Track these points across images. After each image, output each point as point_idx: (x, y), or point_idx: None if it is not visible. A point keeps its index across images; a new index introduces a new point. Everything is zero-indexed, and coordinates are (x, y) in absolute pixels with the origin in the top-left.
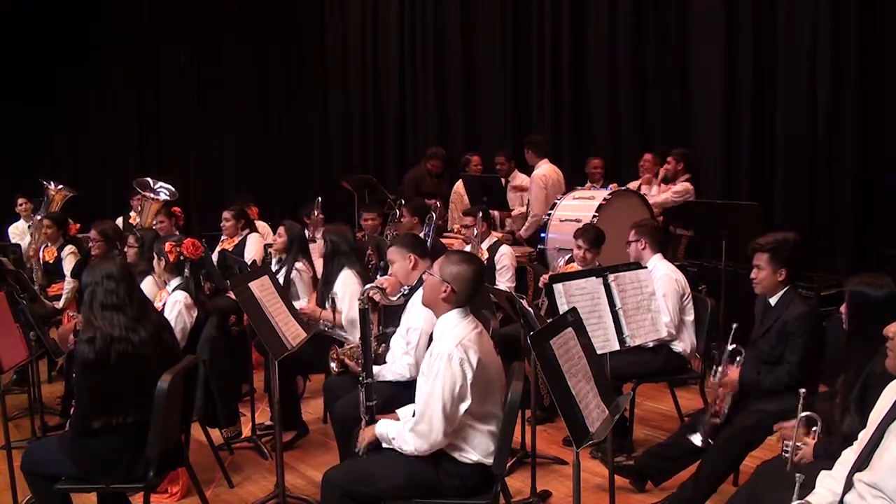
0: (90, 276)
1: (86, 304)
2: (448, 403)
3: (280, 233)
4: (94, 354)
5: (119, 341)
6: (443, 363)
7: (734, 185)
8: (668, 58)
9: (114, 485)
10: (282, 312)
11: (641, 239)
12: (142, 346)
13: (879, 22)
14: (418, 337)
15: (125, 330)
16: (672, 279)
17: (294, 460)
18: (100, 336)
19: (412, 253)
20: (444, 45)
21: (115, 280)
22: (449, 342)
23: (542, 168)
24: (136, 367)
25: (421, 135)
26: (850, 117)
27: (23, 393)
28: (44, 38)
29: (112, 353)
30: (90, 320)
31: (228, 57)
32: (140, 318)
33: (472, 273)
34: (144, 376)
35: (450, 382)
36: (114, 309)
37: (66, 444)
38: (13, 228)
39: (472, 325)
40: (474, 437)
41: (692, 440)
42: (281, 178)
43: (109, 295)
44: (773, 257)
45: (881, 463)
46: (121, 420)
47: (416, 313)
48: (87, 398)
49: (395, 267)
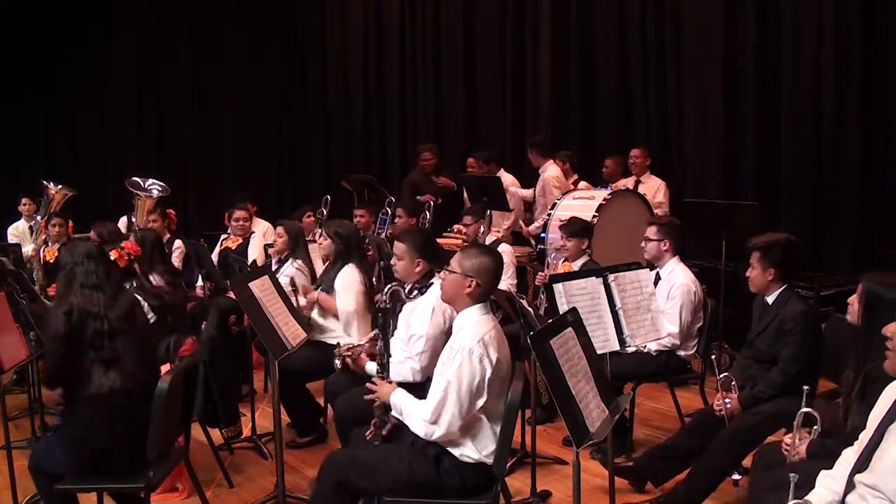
0: (70, 256)
1: (62, 282)
2: (465, 398)
3: (280, 233)
4: (69, 328)
5: (96, 318)
6: (463, 357)
7: (737, 185)
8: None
9: (114, 485)
10: (282, 312)
11: (666, 239)
12: (117, 324)
13: (883, 22)
14: (424, 344)
15: (103, 307)
16: (691, 290)
17: (294, 460)
18: (77, 311)
19: (421, 258)
20: (444, 45)
21: (94, 260)
22: (470, 337)
23: (552, 169)
24: (109, 343)
25: (422, 134)
26: (853, 117)
27: (23, 393)
28: (44, 38)
29: (87, 330)
30: (66, 296)
31: (228, 57)
32: (117, 296)
33: (494, 264)
34: (117, 353)
35: (468, 377)
36: (93, 288)
37: (61, 435)
38: (12, 229)
39: (492, 321)
40: (482, 436)
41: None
42: (281, 178)
43: (89, 275)
44: (762, 256)
45: (881, 464)
46: (93, 391)
47: (418, 319)
48: (55, 366)
49: (400, 265)
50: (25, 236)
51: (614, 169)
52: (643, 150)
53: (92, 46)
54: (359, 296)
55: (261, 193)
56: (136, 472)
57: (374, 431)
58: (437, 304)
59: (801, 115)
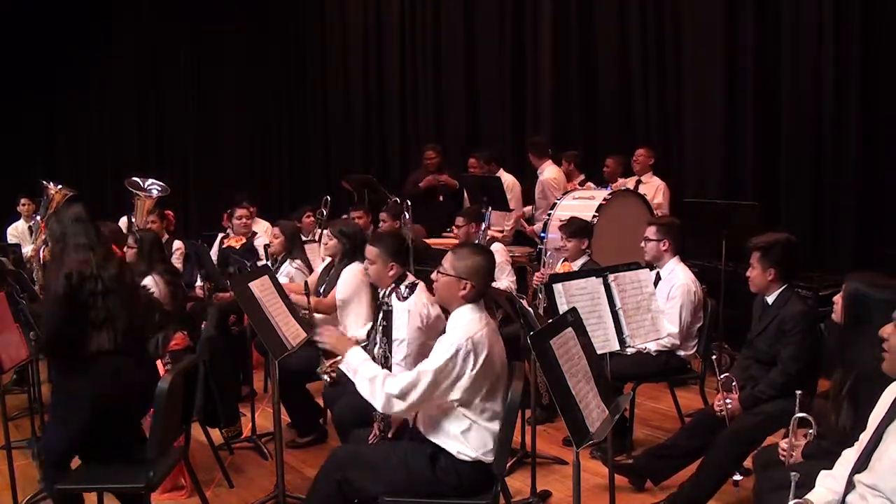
0: (59, 224)
1: (57, 248)
2: (438, 386)
3: (276, 234)
4: (69, 290)
5: (90, 279)
6: (450, 351)
7: (737, 185)
8: (669, 57)
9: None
10: (282, 312)
11: (665, 239)
12: (111, 283)
13: (883, 22)
14: (406, 348)
15: (96, 268)
16: (692, 290)
17: (294, 461)
18: (76, 274)
19: (394, 262)
20: (444, 45)
21: (83, 222)
22: (460, 335)
23: (549, 170)
24: (102, 303)
25: (422, 134)
26: (853, 117)
27: (23, 393)
28: (44, 38)
29: (84, 291)
30: (61, 260)
31: (228, 57)
32: (108, 256)
33: (486, 262)
34: (109, 313)
35: (447, 372)
36: (85, 248)
37: (55, 413)
38: (12, 229)
39: (485, 320)
40: (475, 434)
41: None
42: (281, 177)
43: (79, 236)
44: (762, 256)
45: (880, 464)
46: (90, 351)
47: (397, 323)
48: (54, 329)
49: (373, 269)
50: (25, 236)
51: (615, 169)
52: (648, 149)
53: (92, 46)
54: (362, 286)
55: (261, 193)
56: (135, 451)
57: (376, 434)
58: (413, 307)
59: (801, 115)
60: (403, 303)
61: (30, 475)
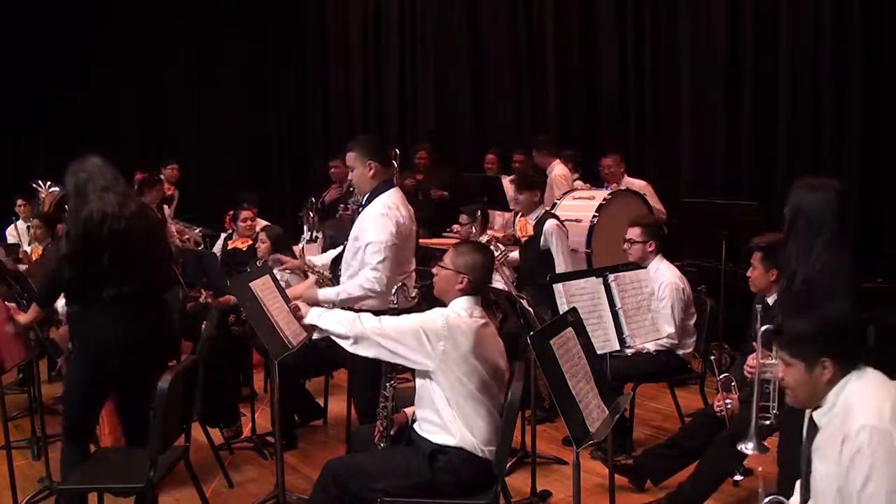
0: (74, 176)
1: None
2: (413, 322)
3: (262, 238)
4: (90, 230)
5: (113, 218)
6: (435, 314)
7: (737, 185)
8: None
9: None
10: (283, 311)
11: (651, 240)
12: (133, 220)
13: (883, 22)
14: (384, 251)
15: (118, 206)
16: (679, 287)
17: (294, 461)
18: (97, 213)
19: (372, 160)
20: (445, 45)
21: (98, 166)
22: (444, 311)
23: (557, 168)
24: (126, 242)
25: (422, 134)
26: (854, 117)
27: (23, 393)
28: (43, 38)
29: (105, 229)
30: (80, 208)
31: (228, 57)
32: (128, 193)
33: (486, 260)
34: (135, 251)
35: (427, 321)
36: (105, 190)
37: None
38: (11, 229)
39: (478, 315)
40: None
41: (744, 450)
42: (281, 177)
43: (98, 179)
44: (764, 257)
45: (815, 486)
46: (112, 293)
47: (371, 227)
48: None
49: (355, 174)
50: (24, 236)
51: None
52: (615, 157)
53: (92, 46)
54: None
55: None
56: (148, 387)
57: (380, 433)
58: (386, 209)
59: (800, 116)
60: (372, 207)
61: (30, 475)
